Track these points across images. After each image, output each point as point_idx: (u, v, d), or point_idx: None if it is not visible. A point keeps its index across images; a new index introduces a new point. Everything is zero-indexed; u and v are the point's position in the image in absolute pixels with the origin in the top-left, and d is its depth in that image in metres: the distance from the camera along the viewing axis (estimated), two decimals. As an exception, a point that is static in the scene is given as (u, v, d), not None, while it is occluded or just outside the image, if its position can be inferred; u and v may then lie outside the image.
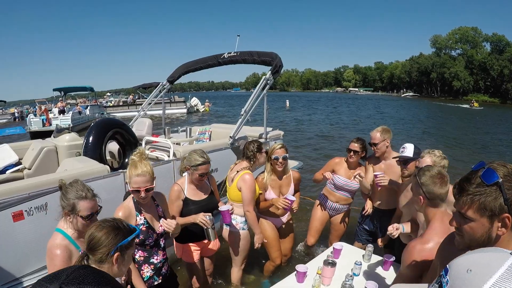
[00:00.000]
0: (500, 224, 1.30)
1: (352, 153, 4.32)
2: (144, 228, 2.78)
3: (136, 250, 2.81)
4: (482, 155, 14.14)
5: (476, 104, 50.25)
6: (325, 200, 4.68)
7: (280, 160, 3.94)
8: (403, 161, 3.65)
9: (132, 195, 2.81)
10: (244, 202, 3.77)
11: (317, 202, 4.83)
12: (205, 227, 3.21)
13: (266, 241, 3.99)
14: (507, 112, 44.18)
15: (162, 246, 2.98)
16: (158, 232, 2.88)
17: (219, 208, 3.53)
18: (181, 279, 3.60)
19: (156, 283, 2.92)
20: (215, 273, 4.34)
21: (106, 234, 1.76)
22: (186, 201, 3.40)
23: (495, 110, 47.02)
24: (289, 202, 3.83)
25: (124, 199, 3.02)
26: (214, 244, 3.71)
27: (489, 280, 0.78)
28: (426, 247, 2.07)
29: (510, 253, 0.80)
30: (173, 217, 3.30)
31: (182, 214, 3.40)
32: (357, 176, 4.15)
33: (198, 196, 3.48)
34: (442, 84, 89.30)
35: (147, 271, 2.87)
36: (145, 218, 2.80)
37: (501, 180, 1.28)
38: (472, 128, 24.54)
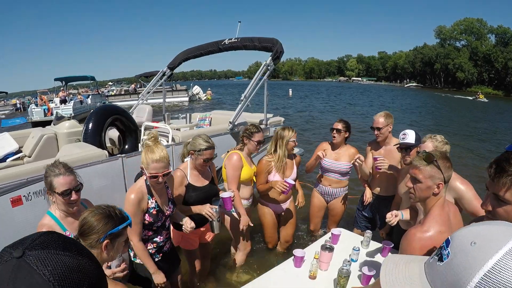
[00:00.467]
0: None
1: (335, 132, 4.32)
2: (154, 212, 2.79)
3: (144, 230, 2.82)
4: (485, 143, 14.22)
5: (481, 96, 46.93)
6: (319, 186, 4.70)
7: (296, 142, 4.10)
8: (405, 148, 3.57)
9: (144, 178, 2.79)
10: (227, 180, 3.80)
11: (314, 189, 4.83)
12: (211, 220, 3.19)
13: (252, 224, 3.88)
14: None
15: (166, 226, 3.01)
16: (166, 214, 2.91)
17: (220, 195, 3.50)
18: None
19: (156, 259, 2.95)
20: (217, 258, 4.38)
21: (97, 221, 1.77)
22: (188, 187, 3.34)
23: (499, 102, 45.52)
24: (288, 186, 3.82)
25: (135, 180, 3.05)
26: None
27: (495, 255, 0.72)
28: (426, 235, 1.99)
29: None
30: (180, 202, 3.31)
31: (183, 200, 3.36)
32: (357, 160, 4.11)
33: (200, 182, 3.42)
34: (445, 75, 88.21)
35: (150, 248, 2.89)
36: (156, 202, 2.81)
37: None
38: (481, 121, 23.43)
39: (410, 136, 3.54)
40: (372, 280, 2.93)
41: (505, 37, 76.98)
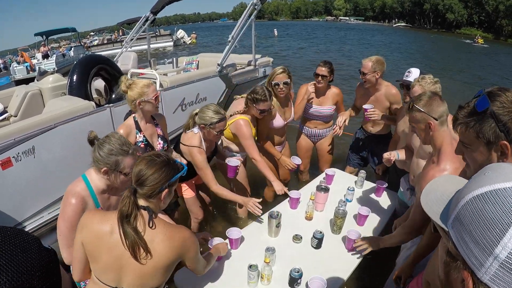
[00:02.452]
0: (499, 153, 1.27)
1: (320, 78, 4.03)
2: (142, 145, 2.92)
3: None
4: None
5: (480, 41, 42.51)
6: (304, 128, 4.57)
7: (281, 86, 3.62)
8: (406, 86, 3.37)
9: (133, 115, 2.90)
10: (248, 151, 3.53)
11: (299, 131, 4.71)
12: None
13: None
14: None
15: None
16: (157, 150, 2.96)
17: (227, 162, 3.38)
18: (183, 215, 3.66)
19: None
20: (220, 208, 4.42)
21: (157, 171, 1.70)
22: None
23: (499, 47, 42.24)
24: (296, 166, 3.83)
25: (124, 119, 3.05)
26: None
27: (493, 184, 0.69)
28: (444, 174, 2.01)
29: None
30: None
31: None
32: (340, 124, 3.99)
33: (208, 152, 3.28)
34: (435, 16, 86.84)
35: None
36: (144, 136, 2.90)
37: (494, 107, 1.23)
38: (487, 68, 21.45)
39: (413, 74, 3.38)
40: (368, 220, 2.98)
41: (498, -20, 74.46)
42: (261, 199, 3.02)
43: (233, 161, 3.38)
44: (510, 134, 1.22)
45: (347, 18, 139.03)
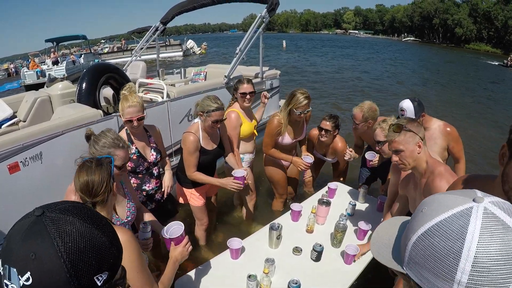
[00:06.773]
0: None
1: (323, 132, 4.03)
2: (135, 157, 2.95)
3: (130, 177, 2.97)
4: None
5: None
6: (315, 152, 4.58)
7: (302, 115, 3.63)
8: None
9: (125, 127, 2.95)
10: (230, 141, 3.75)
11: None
12: (270, 231, 2.91)
13: (250, 181, 3.94)
14: None
15: (155, 174, 3.13)
16: (149, 161, 3.02)
17: (233, 174, 3.37)
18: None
19: (149, 207, 3.08)
20: (222, 211, 4.48)
21: (101, 173, 1.73)
22: (201, 150, 3.28)
23: None
24: (308, 164, 3.87)
25: (118, 132, 3.07)
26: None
27: (432, 219, 0.74)
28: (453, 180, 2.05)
29: (473, 199, 0.72)
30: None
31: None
32: (348, 154, 3.96)
33: (210, 145, 3.36)
34: (444, 30, 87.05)
35: (140, 197, 3.06)
36: (136, 148, 2.96)
37: None
38: None
39: (408, 111, 3.18)
40: (369, 234, 3.00)
41: (507, -5, 74.19)
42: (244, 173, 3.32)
43: (239, 172, 3.38)
44: None
45: (357, 31, 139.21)
